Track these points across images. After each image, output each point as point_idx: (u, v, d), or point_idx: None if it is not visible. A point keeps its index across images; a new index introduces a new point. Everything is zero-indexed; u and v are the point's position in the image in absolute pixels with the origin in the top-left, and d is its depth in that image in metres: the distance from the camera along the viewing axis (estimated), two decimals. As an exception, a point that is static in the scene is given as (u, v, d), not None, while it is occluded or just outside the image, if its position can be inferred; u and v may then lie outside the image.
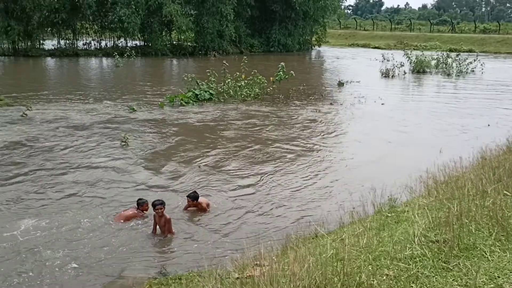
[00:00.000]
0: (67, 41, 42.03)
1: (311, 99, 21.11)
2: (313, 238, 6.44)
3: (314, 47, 60.40)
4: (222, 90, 20.24)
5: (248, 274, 4.29)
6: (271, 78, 21.44)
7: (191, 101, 18.70)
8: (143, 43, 44.60)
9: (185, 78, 20.10)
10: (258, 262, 4.58)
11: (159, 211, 7.30)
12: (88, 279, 6.05)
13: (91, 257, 6.55)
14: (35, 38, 38.31)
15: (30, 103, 16.33)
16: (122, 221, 7.70)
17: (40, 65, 33.88)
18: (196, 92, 19.34)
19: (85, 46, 42.79)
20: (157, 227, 7.43)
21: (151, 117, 16.18)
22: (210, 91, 19.75)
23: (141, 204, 7.97)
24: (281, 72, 21.34)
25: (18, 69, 31.87)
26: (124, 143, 12.39)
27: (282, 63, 21.59)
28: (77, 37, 42.77)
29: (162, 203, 7.39)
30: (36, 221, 7.52)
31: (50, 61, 36.07)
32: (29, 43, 38.22)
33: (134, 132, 13.76)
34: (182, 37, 47.59)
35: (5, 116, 15.25)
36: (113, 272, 6.24)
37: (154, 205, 7.37)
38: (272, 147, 12.74)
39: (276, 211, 8.46)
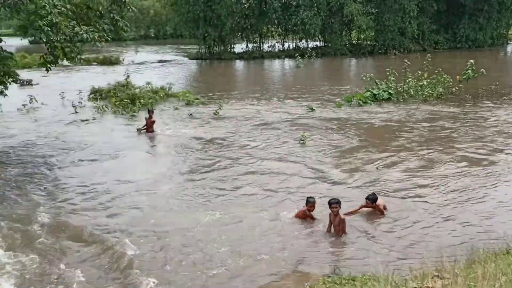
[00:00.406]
0: (254, 45, 45.29)
1: (505, 99, 18.83)
2: (504, 255, 5.80)
3: (510, 41, 53.52)
4: (401, 90, 19.43)
5: (427, 285, 4.10)
6: (458, 77, 19.74)
7: (369, 101, 18.42)
8: (323, 43, 45.52)
9: (364, 78, 19.86)
10: (439, 274, 4.34)
11: (334, 209, 7.39)
12: (264, 269, 6.48)
13: (267, 250, 6.99)
14: (227, 42, 42.31)
15: (221, 102, 18.12)
16: (298, 218, 8.03)
17: (230, 67, 37.24)
18: (374, 91, 18.96)
19: (269, 49, 45.52)
20: (332, 226, 7.56)
21: (329, 116, 16.44)
22: (389, 90, 19.15)
23: (308, 202, 8.08)
24: (469, 71, 19.49)
25: (212, 71, 35.54)
26: (302, 141, 12.87)
27: (471, 61, 19.70)
28: (263, 41, 45.81)
29: (338, 202, 7.44)
30: (218, 214, 8.23)
31: (239, 64, 39.34)
32: (222, 47, 42.38)
33: (312, 131, 14.16)
34: (362, 36, 47.04)
35: (200, 114, 17.22)
36: (288, 266, 6.57)
37: (329, 203, 7.48)
38: (460, 152, 11.79)
39: (458, 220, 7.84)
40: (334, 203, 7.41)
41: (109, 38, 12.29)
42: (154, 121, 14.42)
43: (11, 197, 9.18)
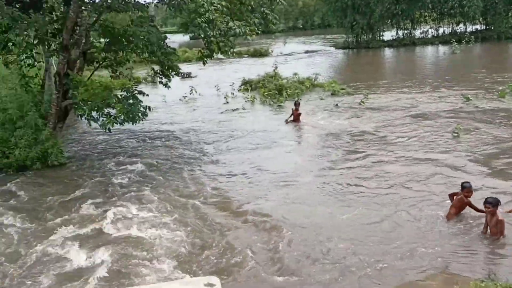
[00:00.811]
0: (405, 31, 43.00)
1: None
2: None
3: None
4: None
5: None
6: None
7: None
8: (484, 27, 41.20)
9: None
10: None
11: (487, 209, 6.75)
12: (409, 268, 6.21)
13: (412, 248, 6.67)
14: (376, 30, 40.94)
15: (368, 92, 17.66)
16: (453, 211, 7.49)
17: (378, 55, 35.98)
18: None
19: (422, 35, 42.80)
20: (488, 227, 6.91)
21: (488, 107, 14.89)
22: None
23: (464, 188, 7.44)
24: None
25: (359, 60, 34.75)
26: (456, 134, 11.92)
27: None
28: (414, 27, 43.24)
29: (491, 202, 6.72)
30: (359, 210, 8.00)
31: (388, 52, 37.78)
32: (370, 35, 41.13)
33: (468, 123, 12.99)
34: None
35: (346, 104, 17.02)
36: (435, 266, 6.20)
37: (484, 202, 6.85)
38: None
39: None
40: (487, 203, 6.75)
41: (259, 31, 12.87)
42: (300, 113, 14.68)
43: (177, 176, 10.28)
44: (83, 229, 7.85)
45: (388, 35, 42.81)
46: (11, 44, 11.41)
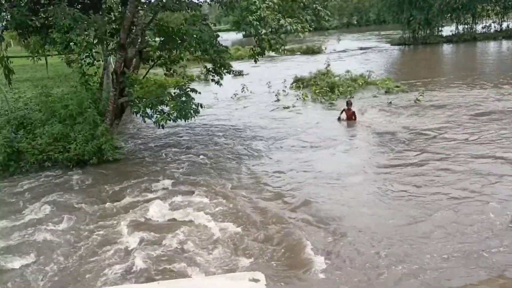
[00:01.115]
0: (465, 26, 41.19)
1: None
2: None
3: None
4: None
5: None
6: None
7: None
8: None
9: None
10: None
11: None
12: (466, 271, 5.94)
13: (473, 249, 6.37)
14: (434, 25, 39.47)
15: (425, 90, 17.04)
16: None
17: (436, 51, 34.68)
18: None
19: (483, 30, 40.82)
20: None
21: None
22: None
23: None
24: None
25: (416, 56, 33.62)
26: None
27: None
28: (476, 21, 41.30)
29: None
30: (404, 216, 7.64)
31: (447, 47, 36.33)
32: (427, 31, 39.71)
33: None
34: None
35: (400, 102, 16.51)
36: (495, 269, 5.90)
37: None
38: None
39: None
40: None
41: (311, 28, 12.72)
42: (353, 112, 14.32)
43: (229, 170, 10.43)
44: (136, 216, 8.23)
45: (447, 30, 41.14)
46: (72, 43, 11.94)
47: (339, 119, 14.56)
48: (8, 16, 12.96)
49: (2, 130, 11.51)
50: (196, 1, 13.01)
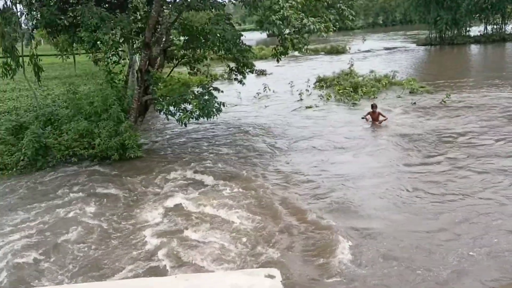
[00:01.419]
0: (494, 26, 40.28)
1: None
2: None
3: None
4: None
5: None
6: None
7: None
8: None
9: None
10: None
11: None
12: (488, 276, 5.86)
13: (491, 255, 6.30)
14: (461, 25, 38.72)
15: (451, 91, 16.73)
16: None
17: (464, 52, 34.01)
18: None
19: (513, 30, 39.93)
20: None
21: None
22: None
23: None
24: None
25: (443, 57, 33.04)
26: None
27: None
28: (505, 21, 40.34)
29: None
30: (424, 218, 7.56)
31: (474, 48, 35.60)
32: (455, 31, 38.98)
33: None
34: None
35: (424, 102, 16.26)
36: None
37: None
38: None
39: None
40: None
41: (335, 28, 12.61)
42: (379, 113, 14.06)
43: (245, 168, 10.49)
44: (159, 209, 8.46)
45: (475, 30, 40.30)
46: (99, 42, 12.20)
47: (363, 118, 14.35)
48: (38, 15, 13.34)
49: (30, 126, 11.85)
50: (220, 1, 13.13)
